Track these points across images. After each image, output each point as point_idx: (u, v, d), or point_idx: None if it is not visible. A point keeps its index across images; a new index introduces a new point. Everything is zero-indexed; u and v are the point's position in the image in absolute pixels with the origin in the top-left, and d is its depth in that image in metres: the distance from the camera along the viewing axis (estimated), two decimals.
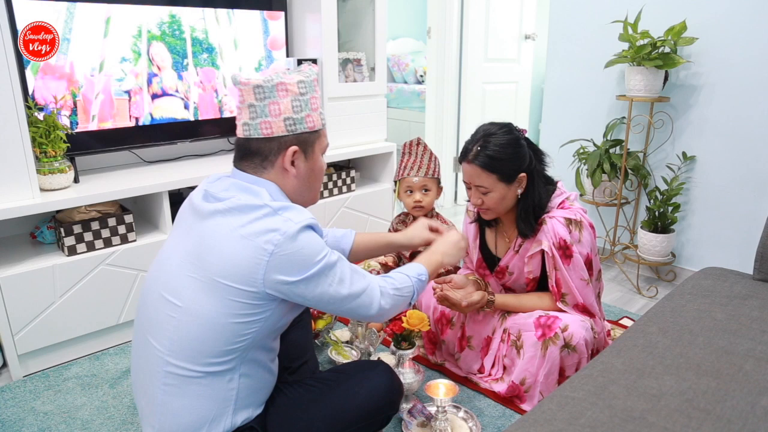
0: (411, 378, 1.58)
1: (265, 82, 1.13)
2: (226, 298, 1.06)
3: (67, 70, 1.94)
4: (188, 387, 1.09)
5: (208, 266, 1.07)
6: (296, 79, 1.16)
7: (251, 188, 1.15)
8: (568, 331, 1.52)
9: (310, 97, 1.18)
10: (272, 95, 1.13)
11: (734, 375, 1.08)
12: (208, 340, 1.07)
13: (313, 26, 2.51)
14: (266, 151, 1.16)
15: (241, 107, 1.16)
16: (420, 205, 2.00)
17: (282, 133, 1.15)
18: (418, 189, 1.99)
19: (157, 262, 1.19)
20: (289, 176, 1.19)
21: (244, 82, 1.14)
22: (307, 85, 1.17)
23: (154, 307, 1.13)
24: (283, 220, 1.08)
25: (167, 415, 1.11)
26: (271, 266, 1.05)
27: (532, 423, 0.98)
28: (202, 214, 1.13)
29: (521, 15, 3.75)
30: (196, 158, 2.49)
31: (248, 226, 1.07)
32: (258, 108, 1.14)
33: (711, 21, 2.25)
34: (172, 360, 1.09)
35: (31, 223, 2.08)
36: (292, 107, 1.15)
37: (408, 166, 2.01)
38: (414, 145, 2.04)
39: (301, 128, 1.16)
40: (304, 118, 1.16)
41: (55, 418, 1.61)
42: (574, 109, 2.77)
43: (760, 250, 1.53)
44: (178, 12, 2.17)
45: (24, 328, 1.77)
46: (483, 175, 1.54)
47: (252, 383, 1.15)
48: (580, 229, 1.58)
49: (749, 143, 2.24)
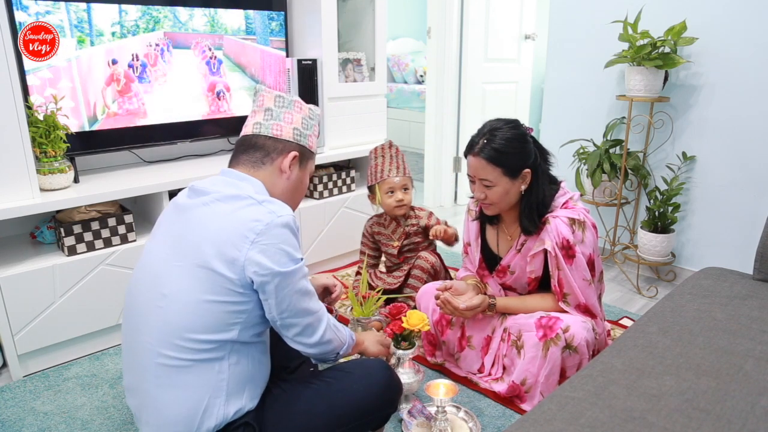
0: (411, 378, 1.58)
1: (286, 95, 1.30)
2: (210, 283, 1.09)
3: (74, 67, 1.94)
4: (178, 377, 1.11)
5: (193, 252, 1.11)
6: (309, 107, 1.33)
7: (237, 183, 1.21)
8: (570, 332, 1.52)
9: (315, 125, 1.34)
10: (289, 107, 1.29)
11: (734, 375, 1.08)
12: (194, 326, 1.09)
13: (313, 26, 2.51)
14: (270, 148, 1.25)
15: (257, 110, 1.28)
16: (402, 204, 2.09)
17: (289, 139, 1.27)
18: (399, 188, 2.08)
19: (140, 263, 1.22)
20: (282, 178, 1.27)
21: (267, 90, 1.30)
22: (314, 116, 1.35)
23: (144, 303, 1.15)
24: (267, 211, 1.13)
25: (160, 408, 1.12)
26: (252, 253, 1.09)
27: (532, 423, 0.98)
28: (187, 209, 1.17)
29: (521, 15, 3.75)
30: (196, 158, 2.49)
31: (232, 214, 1.13)
32: (274, 112, 1.27)
33: (711, 21, 2.25)
34: (162, 350, 1.10)
35: (31, 223, 2.08)
36: (302, 123, 1.30)
37: (386, 168, 2.10)
38: (386, 148, 2.14)
39: (305, 142, 1.30)
40: (308, 135, 1.31)
41: (55, 418, 1.62)
42: (574, 109, 2.77)
43: (760, 250, 1.53)
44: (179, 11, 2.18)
45: (24, 328, 1.77)
46: (488, 168, 1.55)
47: (242, 372, 1.16)
48: (584, 229, 1.58)
49: (749, 143, 2.24)
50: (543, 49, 3.99)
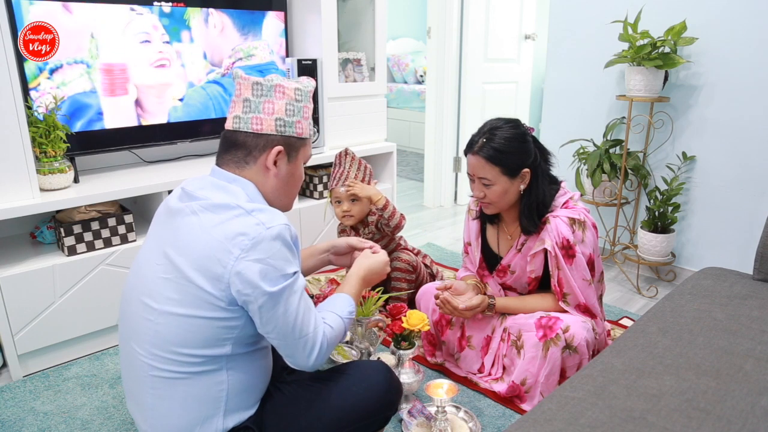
0: (411, 378, 1.58)
1: (265, 81, 1.16)
2: (196, 298, 1.05)
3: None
4: (176, 389, 1.09)
5: (178, 267, 1.07)
6: (294, 86, 1.19)
7: (228, 187, 1.15)
8: (570, 332, 1.52)
9: (304, 106, 1.21)
10: (269, 94, 1.16)
11: (734, 375, 1.08)
12: (185, 341, 1.06)
13: (313, 26, 2.51)
14: (251, 145, 1.17)
15: (236, 100, 1.18)
16: (349, 215, 2.06)
17: (271, 132, 1.17)
18: (345, 199, 2.05)
19: (134, 267, 1.19)
20: (269, 176, 1.19)
21: (244, 77, 1.17)
22: (303, 94, 1.20)
23: (134, 312, 1.13)
24: (255, 223, 1.06)
25: (158, 418, 1.11)
26: (237, 269, 1.03)
27: (532, 423, 0.98)
28: (176, 214, 1.13)
29: (521, 15, 3.75)
30: (196, 158, 2.49)
31: (219, 227, 1.06)
32: (253, 103, 1.16)
33: (711, 21, 2.25)
34: (155, 363, 1.08)
35: (31, 223, 2.08)
36: (285, 110, 1.17)
37: (336, 177, 2.07)
38: (342, 155, 2.09)
39: (290, 131, 1.19)
40: (294, 123, 1.19)
41: (55, 418, 1.61)
42: (574, 109, 2.77)
43: (760, 250, 1.53)
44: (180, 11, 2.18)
45: (24, 328, 1.77)
46: (487, 167, 1.55)
47: (243, 381, 1.14)
48: (584, 229, 1.58)
49: (749, 143, 2.24)
50: (543, 49, 3.99)
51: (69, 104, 1.97)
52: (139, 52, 2.10)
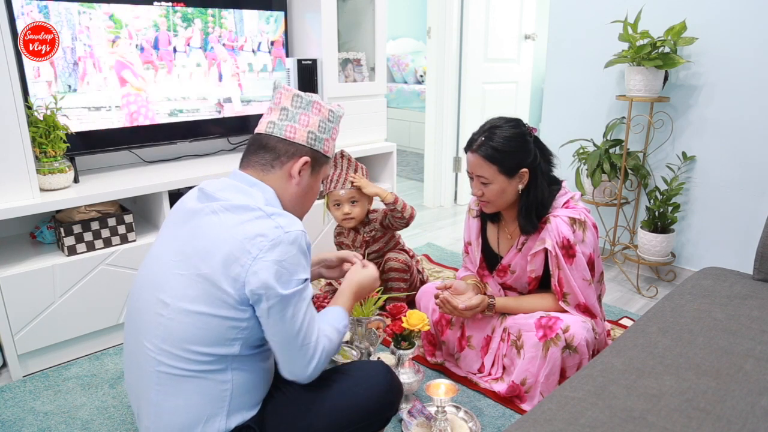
0: (411, 378, 1.58)
1: (305, 95, 1.24)
2: (210, 296, 1.06)
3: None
4: (181, 386, 1.10)
5: (196, 263, 1.08)
6: (329, 107, 1.27)
7: (248, 190, 1.17)
8: (570, 332, 1.52)
9: (334, 127, 1.28)
10: (307, 108, 1.23)
11: (734, 375, 1.08)
12: (194, 338, 1.07)
13: (313, 26, 2.51)
14: (281, 151, 1.21)
15: (273, 108, 1.24)
16: (350, 217, 2.06)
17: (302, 142, 1.22)
18: (345, 201, 2.05)
19: (146, 262, 1.20)
20: (291, 184, 1.22)
21: (286, 88, 1.24)
22: (335, 117, 1.28)
23: (145, 307, 1.14)
24: (274, 225, 1.08)
25: (161, 415, 1.11)
26: (253, 270, 1.05)
27: (532, 423, 0.98)
28: (195, 214, 1.14)
29: (521, 15, 3.75)
30: (196, 158, 2.49)
31: (239, 227, 1.08)
32: (290, 113, 1.22)
33: (711, 21, 2.25)
34: (164, 359, 1.09)
35: (31, 223, 2.08)
36: (319, 126, 1.24)
37: (334, 180, 2.06)
38: (338, 157, 2.09)
39: (319, 146, 1.25)
40: (324, 139, 1.25)
41: (55, 418, 1.61)
42: (574, 109, 2.77)
43: (760, 250, 1.53)
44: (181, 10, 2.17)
45: (24, 328, 1.77)
46: (484, 165, 1.55)
47: (247, 383, 1.15)
48: (584, 229, 1.58)
49: (749, 143, 2.24)
50: (543, 49, 3.98)
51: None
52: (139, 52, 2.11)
